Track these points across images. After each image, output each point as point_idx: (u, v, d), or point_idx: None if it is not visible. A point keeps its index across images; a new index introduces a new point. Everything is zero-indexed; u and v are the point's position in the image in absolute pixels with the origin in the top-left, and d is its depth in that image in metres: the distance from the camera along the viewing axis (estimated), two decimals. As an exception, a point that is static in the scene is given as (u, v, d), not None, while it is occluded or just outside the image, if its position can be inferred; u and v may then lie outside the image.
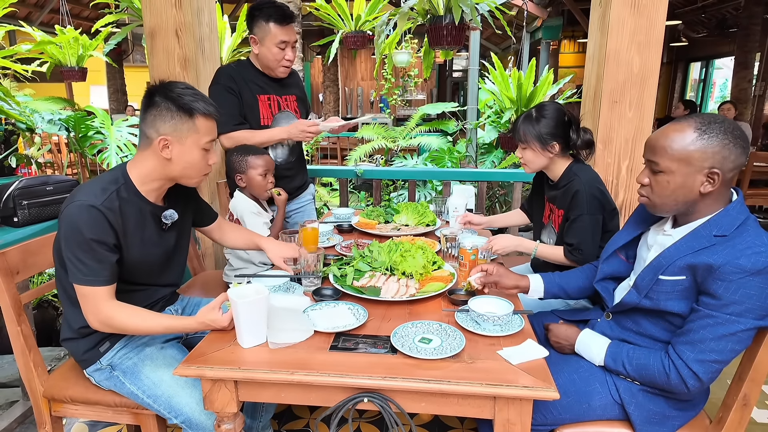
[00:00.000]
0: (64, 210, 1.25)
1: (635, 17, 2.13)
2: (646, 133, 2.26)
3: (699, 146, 1.11)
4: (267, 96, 2.17)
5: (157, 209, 1.39)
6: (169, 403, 1.32)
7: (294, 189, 2.37)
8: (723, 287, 1.08)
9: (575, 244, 1.61)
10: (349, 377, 1.09)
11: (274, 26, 2.00)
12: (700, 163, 1.11)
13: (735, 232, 1.12)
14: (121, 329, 1.30)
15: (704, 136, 1.11)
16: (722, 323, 1.09)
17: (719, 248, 1.11)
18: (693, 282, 1.15)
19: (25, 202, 1.85)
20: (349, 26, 5.94)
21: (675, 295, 1.18)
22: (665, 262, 1.18)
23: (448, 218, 2.27)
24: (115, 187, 1.29)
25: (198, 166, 1.35)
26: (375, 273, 1.60)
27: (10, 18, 6.32)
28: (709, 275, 1.10)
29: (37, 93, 6.38)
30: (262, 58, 2.10)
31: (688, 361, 1.12)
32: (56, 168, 6.01)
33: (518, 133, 1.71)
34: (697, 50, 10.59)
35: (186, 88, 1.31)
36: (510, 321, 1.30)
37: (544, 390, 1.03)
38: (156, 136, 1.29)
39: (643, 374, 1.20)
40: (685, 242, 1.17)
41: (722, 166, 1.11)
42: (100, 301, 1.25)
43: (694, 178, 1.13)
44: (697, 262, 1.12)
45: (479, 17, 3.47)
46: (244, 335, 1.20)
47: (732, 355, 1.11)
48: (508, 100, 4.61)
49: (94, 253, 1.22)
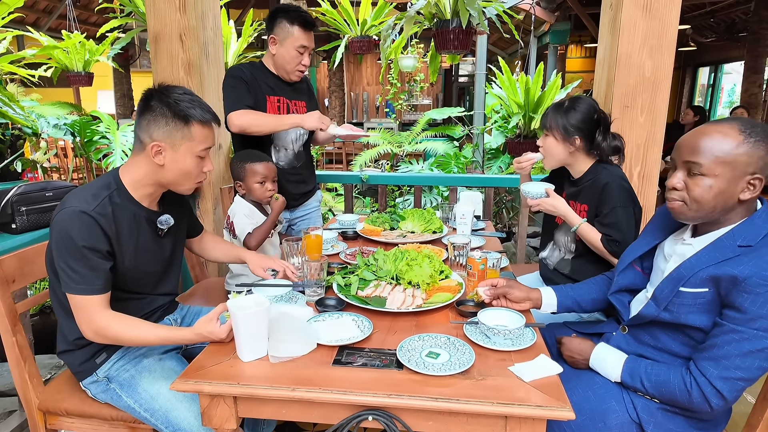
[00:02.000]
0: (55, 217, 1.21)
1: (647, 20, 2.08)
2: (659, 139, 2.20)
3: (745, 150, 1.05)
4: (276, 98, 2.15)
5: (152, 214, 1.35)
6: (166, 417, 1.27)
7: (300, 195, 2.33)
8: (749, 300, 1.02)
9: (613, 236, 1.58)
10: (353, 394, 1.04)
11: (297, 29, 2.03)
12: (744, 168, 1.06)
13: (761, 242, 1.07)
14: (116, 340, 1.25)
15: (750, 139, 1.06)
16: (748, 338, 1.03)
17: (744, 259, 1.05)
18: (716, 294, 1.09)
19: (24, 208, 1.82)
20: (354, 31, 5.92)
21: (696, 308, 1.12)
22: (686, 273, 1.12)
23: (455, 225, 2.22)
24: (107, 193, 1.25)
25: (191, 173, 1.31)
26: (380, 282, 1.55)
27: (18, 23, 6.35)
28: (734, 287, 1.04)
29: (45, 98, 6.40)
30: (278, 59, 2.09)
31: (711, 379, 1.06)
32: (62, 172, 6.02)
33: (546, 118, 1.70)
34: (706, 55, 10.50)
35: (184, 93, 1.28)
36: (522, 335, 1.24)
37: (558, 410, 0.98)
38: (149, 142, 1.25)
39: (663, 391, 1.14)
40: (707, 252, 1.12)
41: (764, 171, 1.06)
42: (94, 310, 1.21)
43: (736, 184, 1.07)
44: (721, 274, 1.06)
45: (486, 21, 3.43)
46: (243, 348, 1.16)
47: (759, 372, 1.05)
48: (515, 105, 4.56)
49: (86, 260, 1.18)
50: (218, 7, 2.54)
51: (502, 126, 4.89)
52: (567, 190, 1.78)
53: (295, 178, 2.28)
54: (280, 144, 2.19)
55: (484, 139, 5.25)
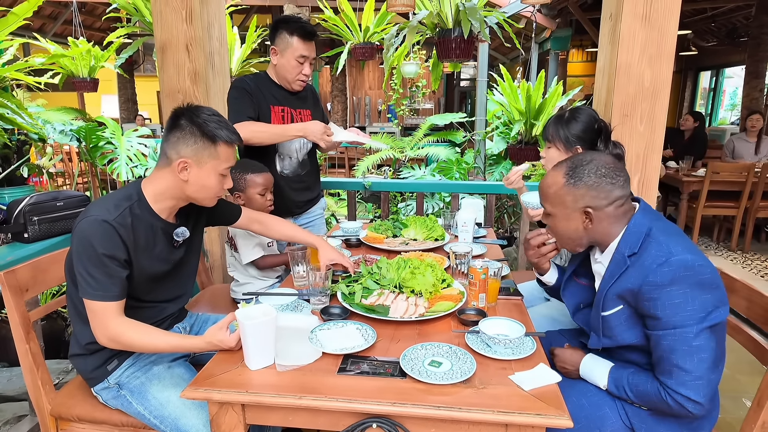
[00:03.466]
0: (78, 225, 1.26)
1: (646, 30, 2.11)
2: (658, 147, 2.23)
3: (568, 190, 1.22)
4: (281, 108, 2.18)
5: (168, 226, 1.40)
6: (176, 424, 1.30)
7: (304, 202, 2.35)
8: (653, 305, 1.12)
9: None
10: (358, 402, 1.07)
11: (297, 40, 2.05)
12: (574, 205, 1.22)
13: (642, 247, 1.16)
14: (129, 346, 1.29)
15: (570, 180, 1.21)
16: (676, 339, 1.10)
17: (632, 270, 1.16)
18: (630, 308, 1.18)
19: (36, 218, 1.86)
20: (357, 37, 5.97)
21: (624, 326, 1.21)
22: (601, 297, 1.23)
23: (456, 233, 2.25)
24: (129, 204, 1.31)
25: (213, 190, 1.37)
26: (383, 291, 1.58)
27: (24, 29, 6.42)
28: (637, 299, 1.14)
29: (50, 102, 6.47)
30: (280, 69, 2.13)
31: (675, 388, 1.11)
32: (67, 177, 6.08)
33: (547, 130, 1.75)
34: (707, 59, 10.51)
35: (212, 114, 1.34)
36: (522, 344, 1.27)
37: (557, 418, 1.01)
38: (176, 158, 1.31)
39: (646, 401, 1.19)
40: (609, 271, 1.22)
41: (595, 203, 1.20)
42: (109, 316, 1.25)
43: (573, 218, 1.23)
44: (622, 290, 1.18)
45: (488, 30, 3.47)
46: (251, 357, 1.19)
47: (704, 364, 1.09)
48: (516, 112, 4.60)
49: (105, 268, 1.23)
50: (224, 17, 2.59)
51: (503, 132, 4.93)
52: None
53: (300, 186, 2.30)
54: (285, 152, 2.22)
55: (486, 144, 5.28)
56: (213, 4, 2.43)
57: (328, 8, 5.99)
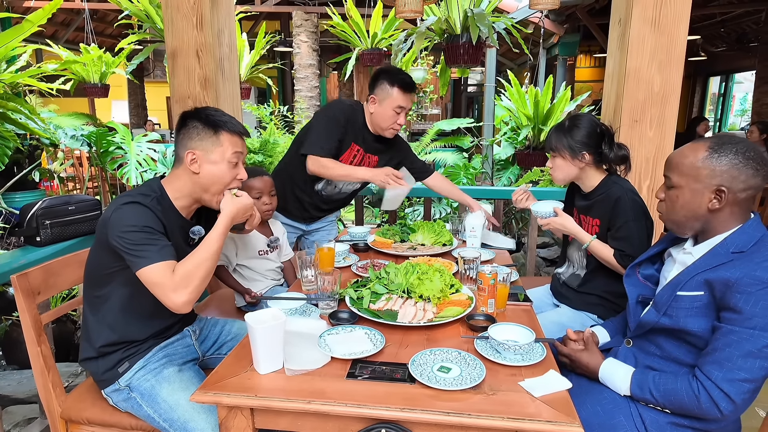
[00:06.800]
0: (110, 216, 1.28)
1: (656, 35, 2.10)
2: (667, 153, 2.21)
3: (708, 164, 1.15)
4: (357, 147, 2.20)
5: (186, 223, 1.44)
6: (185, 427, 1.31)
7: (324, 214, 2.41)
8: (743, 300, 1.08)
9: (625, 250, 1.60)
10: (367, 407, 1.07)
11: (397, 91, 2.07)
12: (708, 180, 1.15)
13: (753, 248, 1.13)
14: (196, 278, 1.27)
15: (714, 155, 1.15)
16: (747, 338, 1.07)
17: (737, 263, 1.12)
18: (711, 298, 1.15)
19: (48, 221, 1.88)
20: (365, 43, 6.00)
21: (694, 312, 1.17)
22: (684, 278, 1.19)
23: (464, 237, 2.25)
24: (154, 195, 1.36)
25: (224, 178, 1.40)
26: (392, 296, 1.58)
27: (37, 36, 6.52)
28: (728, 290, 1.10)
29: (61, 107, 6.54)
30: (375, 117, 2.14)
31: (717, 381, 1.09)
32: (78, 182, 6.14)
33: (549, 141, 1.74)
34: (717, 64, 10.45)
35: (216, 110, 1.40)
36: (531, 350, 1.27)
37: (568, 425, 1.00)
38: (185, 152, 1.37)
39: (672, 400, 1.16)
40: (704, 259, 1.19)
41: (731, 185, 1.14)
42: (168, 276, 1.24)
43: (702, 194, 1.17)
44: (715, 278, 1.13)
45: (496, 35, 3.48)
46: (260, 361, 1.19)
47: (762, 372, 1.07)
48: (524, 117, 4.59)
49: (150, 235, 1.26)
50: (234, 24, 2.61)
51: (511, 137, 4.92)
52: (577, 204, 1.80)
53: (328, 207, 2.36)
54: (334, 181, 2.25)
55: (494, 150, 5.28)
56: (223, 10, 2.46)
57: (337, 14, 6.03)
